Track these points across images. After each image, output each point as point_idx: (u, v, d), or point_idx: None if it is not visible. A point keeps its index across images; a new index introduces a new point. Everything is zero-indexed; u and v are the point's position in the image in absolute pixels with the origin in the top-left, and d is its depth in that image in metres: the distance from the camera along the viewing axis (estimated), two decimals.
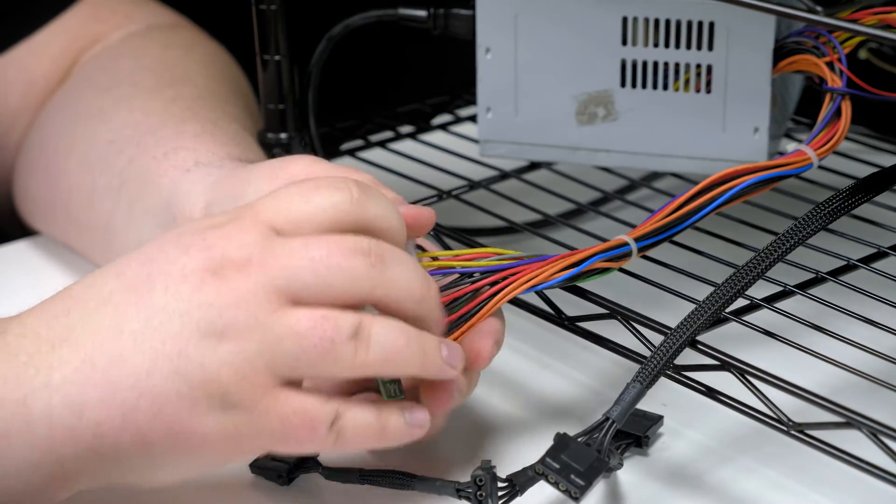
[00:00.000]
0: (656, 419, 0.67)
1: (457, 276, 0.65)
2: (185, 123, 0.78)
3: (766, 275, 0.70)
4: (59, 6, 0.91)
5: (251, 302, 0.57)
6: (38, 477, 0.58)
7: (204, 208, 0.70)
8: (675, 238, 0.74)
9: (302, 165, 0.67)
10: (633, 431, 0.66)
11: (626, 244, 0.66)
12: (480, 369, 0.64)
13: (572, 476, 0.59)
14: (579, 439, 0.60)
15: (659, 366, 0.62)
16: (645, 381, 0.62)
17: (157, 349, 0.57)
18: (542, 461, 0.59)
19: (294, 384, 0.59)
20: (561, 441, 0.60)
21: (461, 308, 0.64)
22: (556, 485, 0.59)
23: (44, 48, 0.91)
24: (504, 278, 0.64)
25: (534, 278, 0.65)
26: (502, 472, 0.61)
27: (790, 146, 0.70)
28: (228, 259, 0.58)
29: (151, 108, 0.81)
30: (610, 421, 0.60)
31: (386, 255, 0.60)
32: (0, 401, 0.58)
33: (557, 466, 0.59)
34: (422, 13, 0.80)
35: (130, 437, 0.57)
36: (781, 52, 0.73)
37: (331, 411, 0.58)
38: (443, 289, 0.64)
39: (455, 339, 0.63)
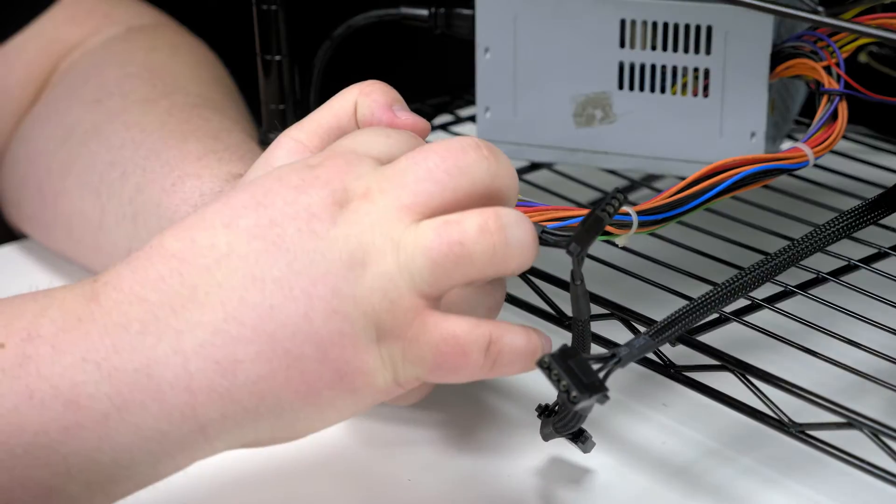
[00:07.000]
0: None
1: None
2: (187, 143, 0.77)
3: None
4: (34, 10, 0.89)
5: (384, 225, 0.56)
6: (166, 446, 0.55)
7: None
8: (675, 238, 0.75)
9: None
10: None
11: (628, 214, 0.65)
12: None
13: (574, 383, 0.56)
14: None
15: (675, 328, 0.62)
16: (657, 337, 0.61)
17: (309, 292, 0.54)
18: (551, 356, 0.57)
19: (446, 308, 0.57)
20: (566, 351, 0.57)
21: None
22: (557, 381, 0.56)
23: (18, 54, 0.88)
24: None
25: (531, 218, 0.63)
26: (502, 474, 0.61)
27: (786, 144, 0.69)
28: (351, 190, 0.56)
29: (148, 125, 0.79)
30: (616, 358, 0.59)
31: (489, 146, 0.58)
32: (114, 372, 0.54)
33: (564, 366, 0.56)
34: (423, 12, 0.80)
35: (296, 388, 0.55)
36: (779, 56, 0.72)
37: (483, 335, 0.57)
38: None
39: None
